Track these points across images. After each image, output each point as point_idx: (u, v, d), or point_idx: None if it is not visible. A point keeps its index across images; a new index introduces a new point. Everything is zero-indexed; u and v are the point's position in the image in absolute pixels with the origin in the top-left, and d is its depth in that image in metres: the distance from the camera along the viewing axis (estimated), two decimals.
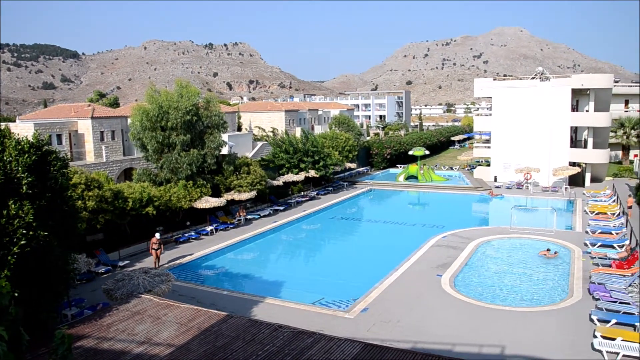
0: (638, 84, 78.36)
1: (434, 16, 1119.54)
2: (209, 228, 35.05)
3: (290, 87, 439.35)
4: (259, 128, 64.06)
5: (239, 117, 68.16)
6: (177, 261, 28.85)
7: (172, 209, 32.78)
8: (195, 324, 13.75)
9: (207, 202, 34.38)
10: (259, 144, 53.11)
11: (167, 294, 19.29)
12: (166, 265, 27.50)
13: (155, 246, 27.39)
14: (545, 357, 16.95)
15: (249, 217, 38.86)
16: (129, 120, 35.97)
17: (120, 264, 27.53)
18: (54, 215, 15.07)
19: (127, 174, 39.00)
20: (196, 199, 34.12)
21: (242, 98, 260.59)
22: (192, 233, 33.97)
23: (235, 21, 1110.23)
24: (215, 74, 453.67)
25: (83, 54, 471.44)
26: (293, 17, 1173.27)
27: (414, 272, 26.21)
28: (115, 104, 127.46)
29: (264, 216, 40.03)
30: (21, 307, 7.16)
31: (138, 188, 30.24)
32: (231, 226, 36.54)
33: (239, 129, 64.76)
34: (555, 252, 29.39)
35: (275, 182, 43.55)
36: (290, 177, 45.65)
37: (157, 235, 28.12)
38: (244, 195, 37.33)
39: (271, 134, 54.79)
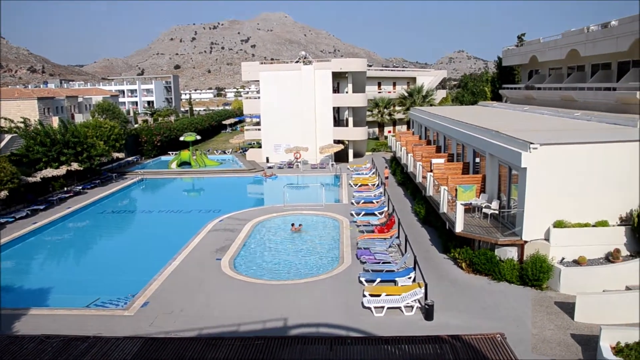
0: (388, 68, 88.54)
1: None
2: None
3: (44, 72, 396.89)
4: (6, 119, 56.87)
5: None
6: None
7: None
8: None
9: None
10: (8, 137, 47.07)
11: None
12: None
13: None
14: (323, 322, 18.40)
15: (1, 221, 34.25)
16: None
17: None
18: None
19: None
20: None
21: None
22: None
23: None
24: None
25: None
26: None
27: (193, 259, 26.03)
28: None
29: (21, 218, 35.64)
30: None
31: None
32: None
33: None
34: (300, 225, 31.81)
35: (31, 179, 39.00)
36: (49, 172, 41.27)
37: None
38: None
39: (22, 125, 48.77)
